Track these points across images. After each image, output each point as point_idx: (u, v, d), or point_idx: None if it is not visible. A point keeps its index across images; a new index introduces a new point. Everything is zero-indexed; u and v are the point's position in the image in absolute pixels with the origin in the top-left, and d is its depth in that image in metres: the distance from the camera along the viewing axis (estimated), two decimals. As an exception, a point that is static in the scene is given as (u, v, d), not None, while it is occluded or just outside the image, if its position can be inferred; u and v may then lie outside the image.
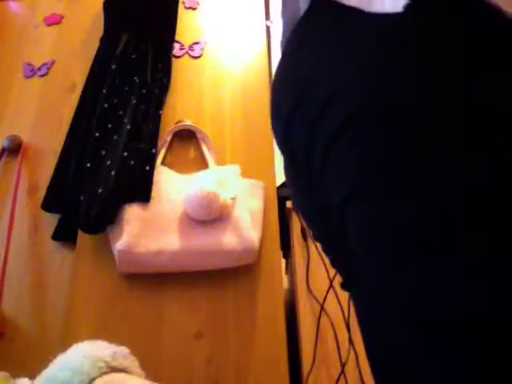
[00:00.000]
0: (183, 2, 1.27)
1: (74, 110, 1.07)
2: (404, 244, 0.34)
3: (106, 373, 0.51)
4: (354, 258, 0.43)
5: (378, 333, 0.44)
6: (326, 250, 0.57)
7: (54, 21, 1.31)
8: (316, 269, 0.99)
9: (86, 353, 0.52)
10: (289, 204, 1.08)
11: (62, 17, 1.32)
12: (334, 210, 0.42)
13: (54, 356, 0.57)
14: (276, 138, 0.52)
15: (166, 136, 1.01)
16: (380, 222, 0.36)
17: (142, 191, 0.89)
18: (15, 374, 0.62)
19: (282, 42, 0.52)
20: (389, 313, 0.38)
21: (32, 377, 0.59)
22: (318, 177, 0.42)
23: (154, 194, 0.90)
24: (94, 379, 0.49)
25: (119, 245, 0.82)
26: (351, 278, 0.50)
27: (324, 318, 0.93)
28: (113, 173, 0.90)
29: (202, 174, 0.94)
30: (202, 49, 1.18)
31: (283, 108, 0.46)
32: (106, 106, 1.02)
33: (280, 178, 0.99)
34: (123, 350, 0.55)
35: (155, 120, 1.01)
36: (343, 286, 0.54)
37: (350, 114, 0.36)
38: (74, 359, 0.51)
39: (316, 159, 0.41)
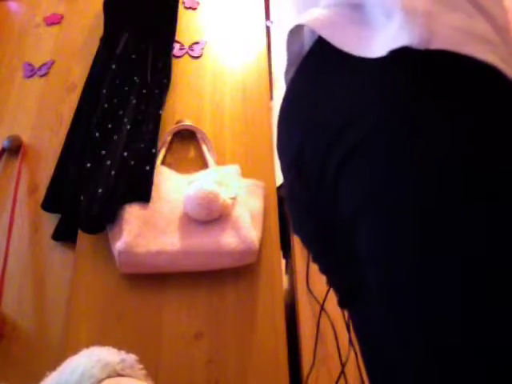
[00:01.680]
0: (183, 2, 1.27)
1: (74, 110, 1.07)
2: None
3: (113, 376, 0.53)
4: (358, 271, 0.44)
5: (378, 346, 0.44)
6: (324, 269, 0.58)
7: (53, 21, 1.31)
8: (316, 269, 0.99)
9: (97, 357, 0.54)
10: (289, 204, 1.08)
11: (61, 17, 1.32)
12: (345, 221, 0.44)
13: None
14: (284, 168, 0.56)
15: (166, 136, 1.01)
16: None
17: (142, 191, 0.89)
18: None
19: (285, 73, 0.56)
20: (392, 322, 0.39)
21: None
22: (331, 190, 0.45)
23: (153, 193, 0.90)
24: (101, 381, 0.51)
25: (119, 245, 0.82)
26: (350, 293, 0.51)
27: (324, 318, 0.93)
28: (113, 173, 0.90)
29: (201, 173, 0.94)
30: (202, 49, 1.18)
31: (295, 141, 0.49)
32: (106, 106, 1.02)
33: (280, 178, 0.99)
34: (132, 357, 0.57)
35: (155, 120, 1.01)
36: (340, 303, 0.55)
37: (367, 134, 0.40)
38: (85, 363, 0.53)
39: (329, 175, 0.44)
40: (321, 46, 0.47)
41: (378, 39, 0.42)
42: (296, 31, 0.52)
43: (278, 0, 0.63)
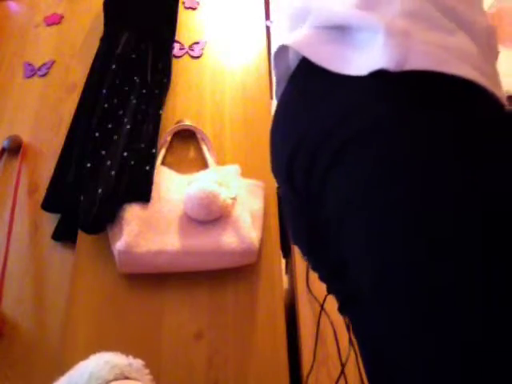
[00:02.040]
0: (183, 2, 1.27)
1: (74, 110, 1.07)
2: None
3: (120, 379, 0.55)
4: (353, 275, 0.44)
5: (377, 348, 0.45)
6: (324, 277, 0.59)
7: (53, 21, 1.31)
8: (316, 269, 0.99)
9: (105, 360, 0.56)
10: (289, 204, 1.08)
11: (61, 17, 1.32)
12: (332, 224, 0.45)
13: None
14: (278, 177, 0.58)
15: (166, 136, 1.01)
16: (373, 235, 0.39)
17: (142, 191, 0.89)
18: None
19: (275, 89, 0.59)
20: (387, 322, 0.39)
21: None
22: (318, 195, 0.46)
23: (153, 194, 0.90)
24: (109, 382, 0.53)
25: (119, 245, 0.82)
26: (349, 298, 0.52)
27: (324, 318, 0.93)
28: (113, 173, 0.90)
29: (201, 174, 0.94)
30: (202, 49, 1.18)
31: (286, 148, 0.51)
32: (106, 106, 1.02)
33: (280, 178, 0.99)
34: (139, 362, 0.59)
35: (155, 120, 1.01)
36: (340, 309, 0.56)
37: (346, 141, 0.42)
38: (93, 365, 0.55)
39: (316, 179, 0.46)
40: (306, 63, 0.49)
41: (360, 59, 0.44)
42: (282, 50, 0.54)
43: (278, 1, 0.64)
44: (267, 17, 1.28)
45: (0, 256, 0.93)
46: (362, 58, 0.43)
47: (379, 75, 0.41)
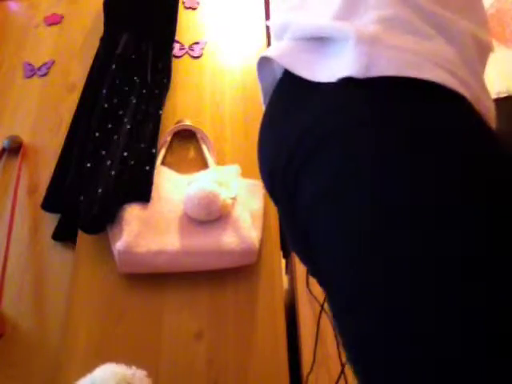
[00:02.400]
0: (183, 2, 1.28)
1: (74, 110, 1.07)
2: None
3: None
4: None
5: (364, 345, 0.45)
6: (321, 282, 0.59)
7: (53, 21, 1.31)
8: (316, 269, 0.99)
9: (111, 369, 0.59)
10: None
11: (61, 17, 1.32)
12: (304, 221, 0.45)
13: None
14: (265, 182, 0.59)
15: (166, 136, 1.01)
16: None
17: (142, 191, 0.89)
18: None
19: (264, 100, 0.60)
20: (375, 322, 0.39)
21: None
22: (292, 199, 0.47)
23: (153, 194, 0.90)
24: None
25: (119, 245, 0.82)
26: None
27: (324, 318, 0.93)
28: (113, 173, 0.90)
29: (201, 174, 0.94)
30: (202, 49, 1.18)
31: (270, 152, 0.53)
32: (105, 106, 1.02)
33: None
34: (142, 372, 0.62)
35: (155, 120, 1.01)
36: None
37: (321, 139, 0.43)
38: (97, 375, 0.58)
39: (291, 183, 0.47)
40: (289, 73, 0.50)
41: (332, 66, 0.44)
42: (266, 62, 0.55)
43: (278, 1, 0.65)
44: (267, 17, 1.28)
45: (0, 256, 0.93)
46: (334, 66, 0.44)
47: (353, 80, 0.41)
